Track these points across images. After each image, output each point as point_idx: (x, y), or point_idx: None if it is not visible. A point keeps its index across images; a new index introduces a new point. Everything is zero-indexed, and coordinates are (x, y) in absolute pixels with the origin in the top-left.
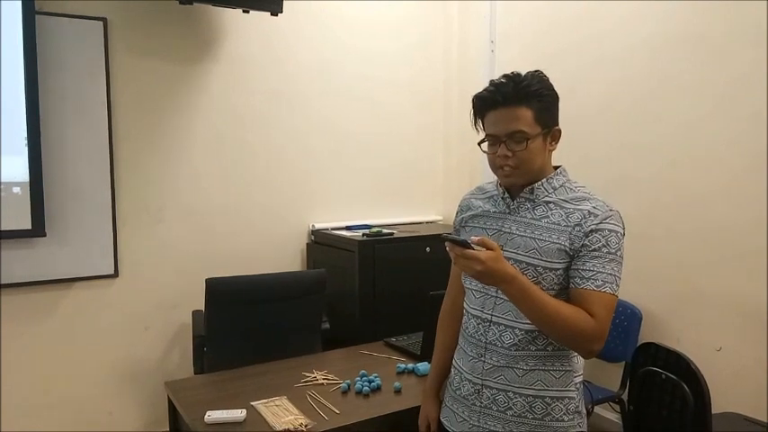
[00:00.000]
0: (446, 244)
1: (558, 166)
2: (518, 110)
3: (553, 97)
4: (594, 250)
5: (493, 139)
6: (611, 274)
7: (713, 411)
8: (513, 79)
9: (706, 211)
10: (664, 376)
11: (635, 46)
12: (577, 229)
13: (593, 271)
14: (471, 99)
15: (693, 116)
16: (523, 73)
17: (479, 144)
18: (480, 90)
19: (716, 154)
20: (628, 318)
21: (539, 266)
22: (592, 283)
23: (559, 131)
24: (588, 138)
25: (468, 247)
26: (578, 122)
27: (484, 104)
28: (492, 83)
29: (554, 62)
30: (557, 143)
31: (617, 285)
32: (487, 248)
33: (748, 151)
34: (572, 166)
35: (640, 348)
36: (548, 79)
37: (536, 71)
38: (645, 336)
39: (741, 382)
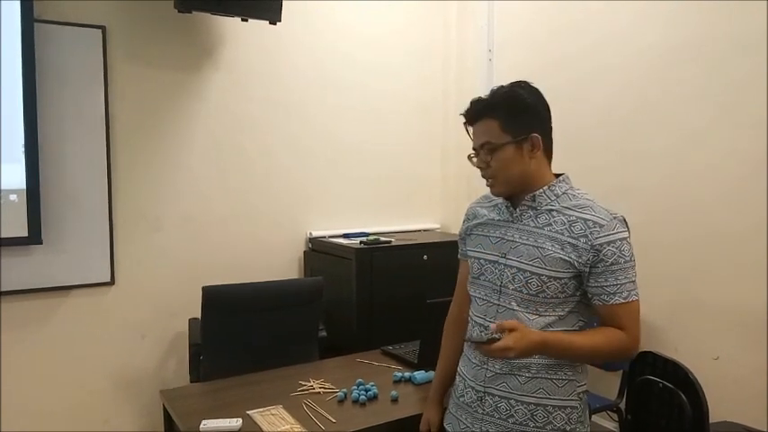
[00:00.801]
0: (473, 347)
1: (561, 174)
2: (483, 123)
3: (523, 105)
4: (612, 264)
5: (474, 153)
6: (631, 282)
7: (711, 420)
8: (479, 99)
9: (705, 220)
10: (661, 385)
11: (635, 54)
12: (583, 240)
13: (616, 285)
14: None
15: (694, 124)
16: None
17: (469, 158)
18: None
19: (716, 162)
20: None
21: (543, 275)
22: (619, 297)
23: (538, 138)
24: (588, 146)
25: (493, 341)
26: (578, 130)
27: (465, 122)
28: (471, 101)
29: (553, 71)
30: (538, 150)
31: (637, 289)
32: (509, 330)
33: (748, 160)
34: (572, 174)
35: (638, 357)
36: (524, 89)
37: (517, 81)
38: (643, 344)
39: (739, 391)
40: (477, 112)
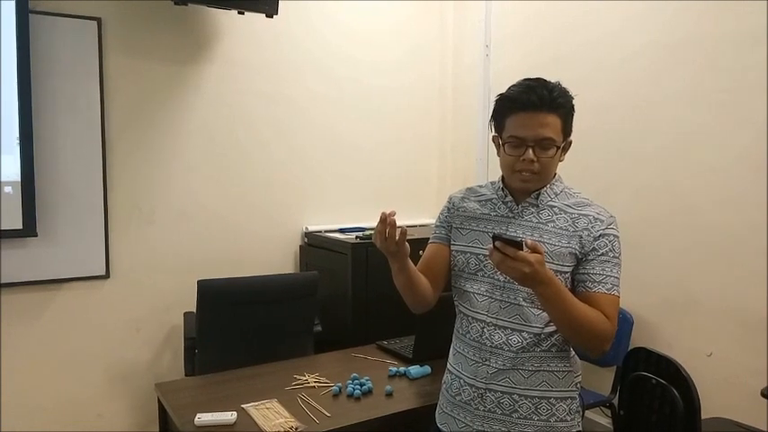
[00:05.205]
0: (496, 243)
1: (555, 173)
2: (550, 117)
3: (573, 108)
4: (602, 254)
5: (518, 142)
6: (616, 277)
7: (703, 416)
8: (544, 86)
9: (699, 218)
10: (654, 381)
11: (632, 53)
12: (586, 233)
13: (602, 275)
14: (496, 98)
15: (689, 123)
16: (546, 79)
17: (503, 145)
18: (494, 91)
19: (710, 160)
20: (619, 323)
21: (549, 269)
22: (603, 287)
23: (571, 143)
24: (584, 144)
25: (520, 247)
26: (575, 129)
27: (514, 105)
28: (523, 85)
29: (550, 68)
30: (566, 153)
31: (619, 287)
32: (535, 252)
33: (742, 158)
34: (570, 174)
35: (631, 353)
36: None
37: (557, 82)
38: (636, 341)
39: (731, 388)
40: (546, 102)
